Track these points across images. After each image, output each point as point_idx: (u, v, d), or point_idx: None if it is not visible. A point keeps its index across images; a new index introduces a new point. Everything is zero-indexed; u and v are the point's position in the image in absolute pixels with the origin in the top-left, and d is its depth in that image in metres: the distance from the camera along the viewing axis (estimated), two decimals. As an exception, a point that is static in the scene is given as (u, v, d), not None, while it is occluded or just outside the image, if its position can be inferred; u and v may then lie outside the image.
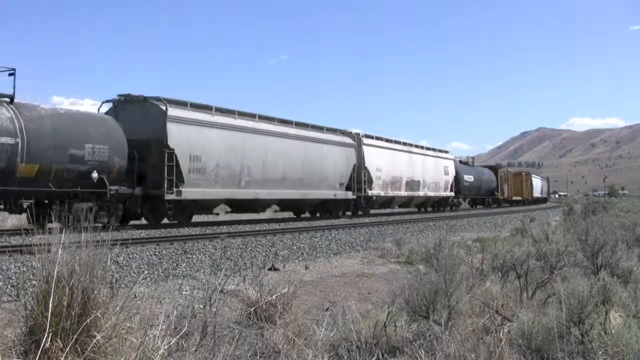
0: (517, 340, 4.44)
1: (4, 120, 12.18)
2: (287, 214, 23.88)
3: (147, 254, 10.11)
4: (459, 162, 42.69)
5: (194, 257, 10.50)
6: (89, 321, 3.31)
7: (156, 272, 9.17)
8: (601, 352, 4.10)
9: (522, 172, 61.63)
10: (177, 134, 16.14)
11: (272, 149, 19.97)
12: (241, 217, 21.33)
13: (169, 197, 15.67)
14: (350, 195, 24.43)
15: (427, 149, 34.47)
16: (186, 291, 7.59)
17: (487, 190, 44.52)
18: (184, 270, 9.59)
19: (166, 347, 3.48)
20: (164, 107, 15.96)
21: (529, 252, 7.67)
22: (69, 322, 3.28)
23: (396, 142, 30.16)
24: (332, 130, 24.59)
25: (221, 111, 18.35)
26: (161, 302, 6.19)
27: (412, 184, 30.85)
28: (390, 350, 4.47)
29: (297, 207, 23.24)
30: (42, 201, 13.19)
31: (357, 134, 26.02)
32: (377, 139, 28.07)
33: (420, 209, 34.65)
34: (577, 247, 8.27)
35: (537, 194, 64.53)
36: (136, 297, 4.62)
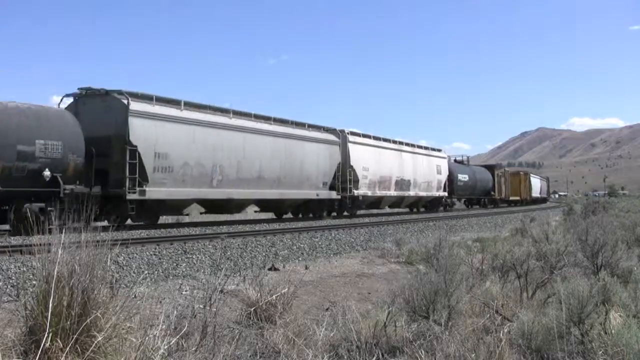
0: (517, 340, 4.44)
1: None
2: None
3: (147, 254, 10.11)
4: (453, 161, 41.77)
5: (194, 257, 10.50)
6: (89, 321, 3.31)
7: (156, 272, 9.17)
8: (601, 352, 4.10)
9: (520, 172, 60.59)
10: (141, 130, 15.12)
11: (248, 147, 18.87)
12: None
13: (131, 196, 14.69)
14: (334, 195, 23.32)
15: (419, 147, 33.03)
16: (186, 291, 7.59)
17: (482, 190, 43.40)
18: (184, 270, 9.59)
19: (166, 347, 3.47)
20: (125, 101, 14.96)
21: (529, 252, 7.67)
22: (69, 322, 3.28)
23: (385, 140, 28.95)
24: (315, 127, 23.38)
25: (191, 106, 17.33)
26: (161, 302, 6.19)
27: (402, 184, 29.58)
28: (390, 350, 4.47)
29: (277, 207, 22.29)
30: None
31: (342, 131, 24.81)
32: (364, 136, 26.85)
33: (412, 210, 33.70)
34: (577, 247, 8.28)
35: (536, 194, 63.48)
36: (136, 297, 4.62)
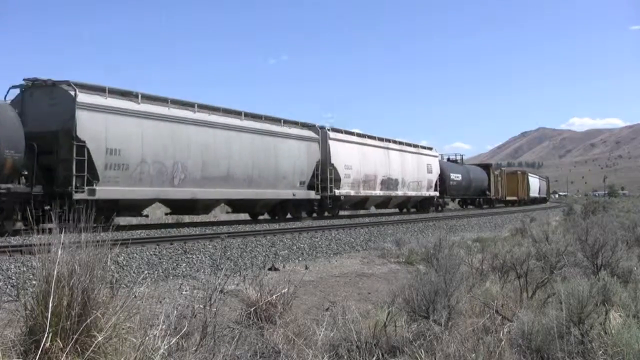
0: (517, 340, 4.44)
1: None
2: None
3: (147, 254, 10.11)
4: (447, 159, 40.77)
5: (194, 257, 10.50)
6: (89, 321, 3.31)
7: (156, 272, 9.17)
8: (601, 352, 4.10)
9: (518, 171, 59.29)
10: (90, 124, 13.99)
11: (215, 143, 17.62)
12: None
13: (79, 196, 13.48)
14: (313, 195, 22.05)
15: (407, 144, 31.64)
16: (186, 291, 7.59)
17: (477, 189, 42.11)
18: (184, 270, 9.59)
19: (166, 347, 3.47)
20: (72, 92, 13.83)
21: (529, 252, 7.67)
22: (69, 322, 3.27)
23: (370, 137, 27.77)
24: (291, 122, 22.11)
25: (150, 99, 16.11)
26: (161, 302, 6.20)
27: (389, 183, 28.30)
28: (390, 350, 4.47)
29: (250, 208, 21.24)
30: None
31: (322, 128, 23.61)
32: (346, 133, 25.73)
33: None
34: (577, 247, 8.28)
35: (534, 194, 62.39)
36: (136, 297, 4.62)
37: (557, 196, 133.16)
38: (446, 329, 4.65)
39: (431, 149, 34.92)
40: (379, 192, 27.36)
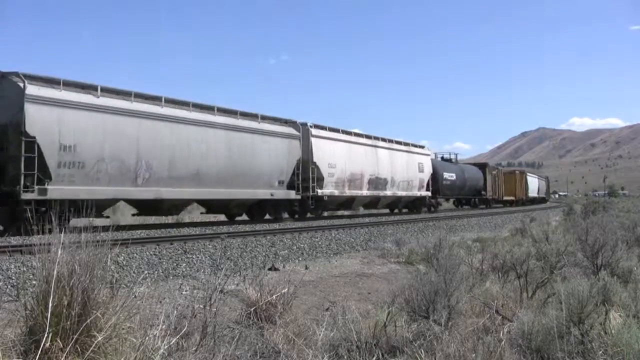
0: (517, 340, 4.44)
1: None
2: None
3: (147, 254, 10.11)
4: (440, 158, 39.85)
5: (194, 257, 10.50)
6: (89, 321, 3.31)
7: (156, 272, 9.17)
8: (601, 352, 4.10)
9: (516, 171, 57.71)
10: (41, 118, 13.01)
11: (184, 140, 16.57)
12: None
13: (28, 196, 12.53)
14: (293, 195, 20.92)
15: (397, 142, 30.25)
16: (186, 291, 7.58)
17: (472, 189, 40.88)
18: (184, 270, 9.59)
19: (166, 347, 3.48)
20: (21, 84, 12.81)
21: (529, 252, 7.67)
22: (69, 322, 3.27)
23: (357, 134, 26.52)
24: (270, 118, 20.90)
25: (110, 92, 14.96)
26: (161, 302, 6.19)
27: (377, 183, 27.09)
28: (390, 350, 4.47)
29: (224, 208, 20.11)
30: None
31: (304, 124, 22.39)
32: (331, 130, 24.37)
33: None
34: (577, 247, 8.28)
35: (533, 194, 61.27)
36: (136, 297, 4.62)
37: (557, 196, 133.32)
38: (446, 329, 4.65)
39: (423, 147, 33.63)
40: (366, 192, 26.26)
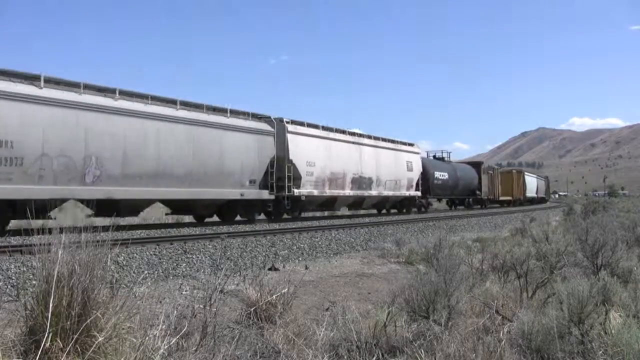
0: (517, 340, 4.44)
1: None
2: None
3: (147, 254, 10.11)
4: (432, 157, 38.87)
5: (194, 257, 10.50)
6: (89, 321, 3.31)
7: (156, 272, 9.17)
8: (601, 352, 4.10)
9: (513, 170, 56.67)
10: None
11: (141, 135, 15.41)
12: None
13: None
14: (266, 194, 19.75)
15: (384, 140, 28.86)
16: (186, 291, 7.59)
17: (466, 189, 39.56)
18: (184, 270, 9.59)
19: (166, 347, 3.48)
20: None
21: (529, 252, 7.67)
22: (69, 322, 3.28)
23: (339, 130, 25.05)
24: (241, 113, 19.72)
25: (57, 83, 13.90)
26: (161, 302, 6.20)
27: (361, 182, 25.77)
28: (390, 350, 4.47)
29: (190, 209, 18.84)
30: None
31: (279, 120, 21.12)
32: (309, 126, 22.95)
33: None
34: (577, 247, 8.27)
35: (531, 194, 59.68)
36: (136, 297, 4.62)
37: (557, 196, 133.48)
38: (446, 329, 4.65)
39: (412, 145, 32.16)
40: (349, 191, 24.91)
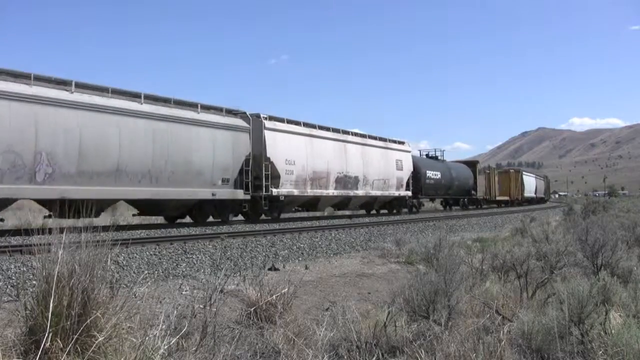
0: (517, 340, 4.44)
1: None
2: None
3: (147, 253, 10.11)
4: (425, 155, 37.64)
5: (194, 257, 10.50)
6: (89, 321, 3.31)
7: (156, 272, 9.17)
8: (601, 352, 4.10)
9: (511, 170, 55.04)
10: None
11: (98, 130, 14.31)
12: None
13: None
14: (241, 194, 18.66)
15: (371, 137, 27.62)
16: (186, 291, 7.59)
17: (460, 189, 38.23)
18: (184, 270, 9.59)
19: (166, 347, 3.48)
20: None
21: (529, 252, 7.66)
22: (69, 322, 3.28)
23: (322, 127, 23.86)
24: (213, 108, 18.54)
25: (5, 74, 12.98)
26: (161, 302, 6.19)
27: (347, 181, 24.56)
28: (390, 350, 4.47)
29: (157, 209, 17.68)
30: None
31: (256, 116, 20.06)
32: (289, 122, 21.88)
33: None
34: (577, 247, 8.27)
35: (529, 194, 57.96)
36: (136, 297, 4.63)
37: (557, 196, 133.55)
38: (446, 329, 4.65)
39: (403, 142, 30.58)
40: (333, 191, 23.67)
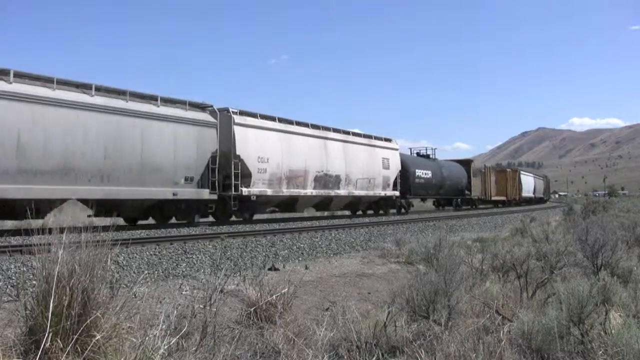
0: (517, 340, 4.44)
1: None
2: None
3: (147, 253, 10.11)
4: (415, 154, 36.16)
5: (194, 257, 10.50)
6: (89, 321, 3.31)
7: (156, 272, 9.17)
8: (601, 352, 4.10)
9: (508, 169, 53.25)
10: None
11: (41, 124, 13.30)
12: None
13: None
14: (206, 194, 17.54)
15: (355, 134, 26.24)
16: (186, 291, 7.59)
17: (453, 188, 36.88)
18: (184, 270, 9.59)
19: (166, 347, 3.48)
20: None
21: (529, 252, 7.66)
22: (69, 322, 3.28)
23: (299, 123, 22.40)
24: (175, 102, 17.38)
25: None
26: (161, 302, 6.19)
27: (327, 181, 23.17)
28: (390, 350, 4.47)
29: (111, 210, 16.12)
30: None
31: (224, 110, 18.95)
32: (262, 117, 20.46)
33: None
34: (577, 247, 8.27)
35: (528, 194, 56.42)
36: (136, 297, 4.63)
37: (557, 196, 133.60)
38: (446, 329, 4.65)
39: (389, 140, 29.17)
40: (311, 191, 22.31)
